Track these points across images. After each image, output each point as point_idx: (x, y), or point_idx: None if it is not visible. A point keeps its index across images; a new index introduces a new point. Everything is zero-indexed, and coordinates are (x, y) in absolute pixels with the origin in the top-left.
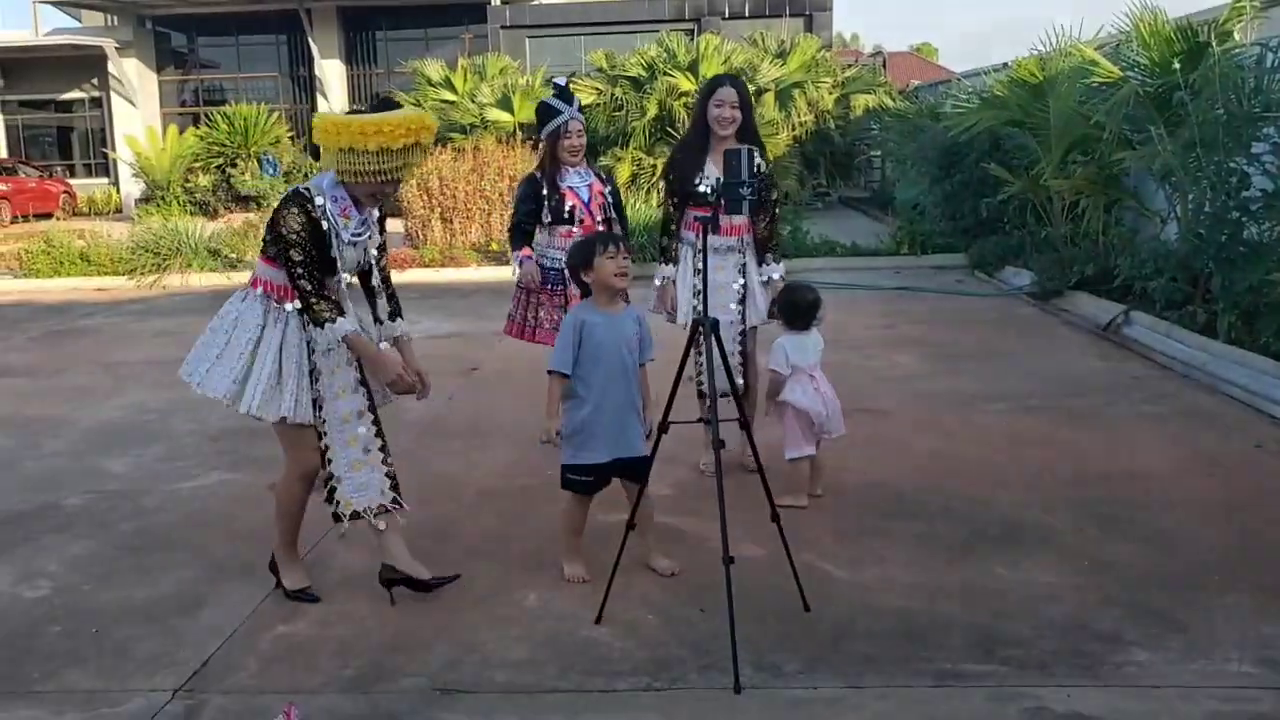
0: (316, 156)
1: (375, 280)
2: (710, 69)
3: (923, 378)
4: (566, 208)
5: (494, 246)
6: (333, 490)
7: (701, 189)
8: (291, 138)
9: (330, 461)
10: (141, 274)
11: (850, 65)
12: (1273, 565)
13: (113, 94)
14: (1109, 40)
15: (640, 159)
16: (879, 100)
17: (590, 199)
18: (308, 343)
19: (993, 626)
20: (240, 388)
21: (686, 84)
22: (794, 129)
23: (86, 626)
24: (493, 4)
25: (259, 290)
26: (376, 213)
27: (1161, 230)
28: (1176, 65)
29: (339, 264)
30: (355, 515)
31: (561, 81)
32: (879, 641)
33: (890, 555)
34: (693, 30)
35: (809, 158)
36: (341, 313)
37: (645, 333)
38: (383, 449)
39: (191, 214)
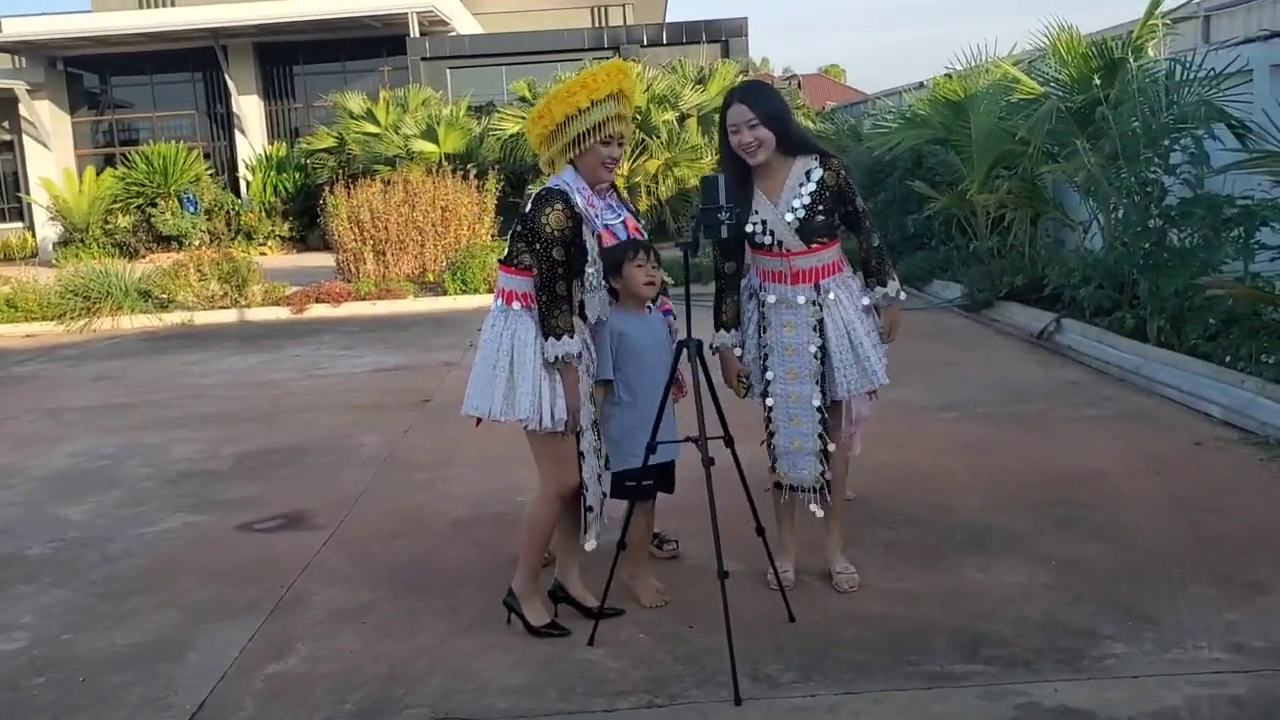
0: (237, 193)
1: None
2: (633, 97)
3: None
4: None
5: (429, 277)
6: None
7: (755, 229)
8: (211, 175)
9: (582, 458)
10: (71, 318)
11: None
12: (1226, 556)
13: (25, 137)
14: (1024, 56)
15: None
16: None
17: (628, 237)
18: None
19: (974, 628)
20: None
21: None
22: (717, 153)
23: (73, 676)
24: (412, 36)
25: (516, 305)
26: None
27: (1084, 240)
28: (1097, 81)
29: (590, 256)
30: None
31: None
32: (868, 647)
33: (865, 563)
34: (612, 58)
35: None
36: (574, 331)
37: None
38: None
39: (112, 256)
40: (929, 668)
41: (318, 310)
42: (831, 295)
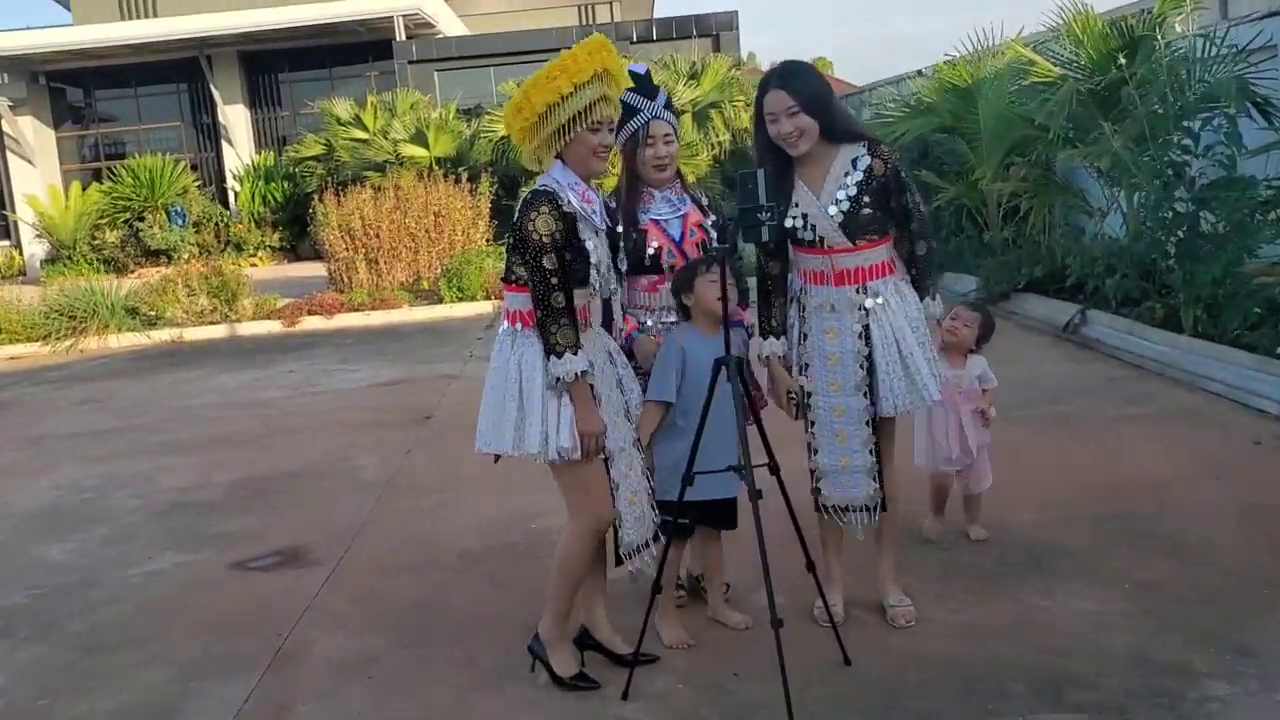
0: (226, 204)
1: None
2: (621, 77)
3: None
4: (649, 249)
5: (424, 285)
6: (616, 530)
7: (795, 224)
8: (199, 186)
9: (617, 488)
10: (57, 339)
11: None
12: None
13: (9, 153)
14: (1033, 39)
15: None
16: None
17: (684, 235)
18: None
19: (1052, 666)
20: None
21: None
22: (713, 149)
23: None
24: (398, 39)
25: (520, 326)
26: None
27: (1100, 226)
28: (1122, 60)
29: (593, 260)
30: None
31: (641, 68)
32: (937, 694)
33: (919, 592)
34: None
35: (730, 178)
36: (580, 348)
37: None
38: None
39: (101, 272)
40: (1013, 718)
41: (310, 322)
42: (880, 299)
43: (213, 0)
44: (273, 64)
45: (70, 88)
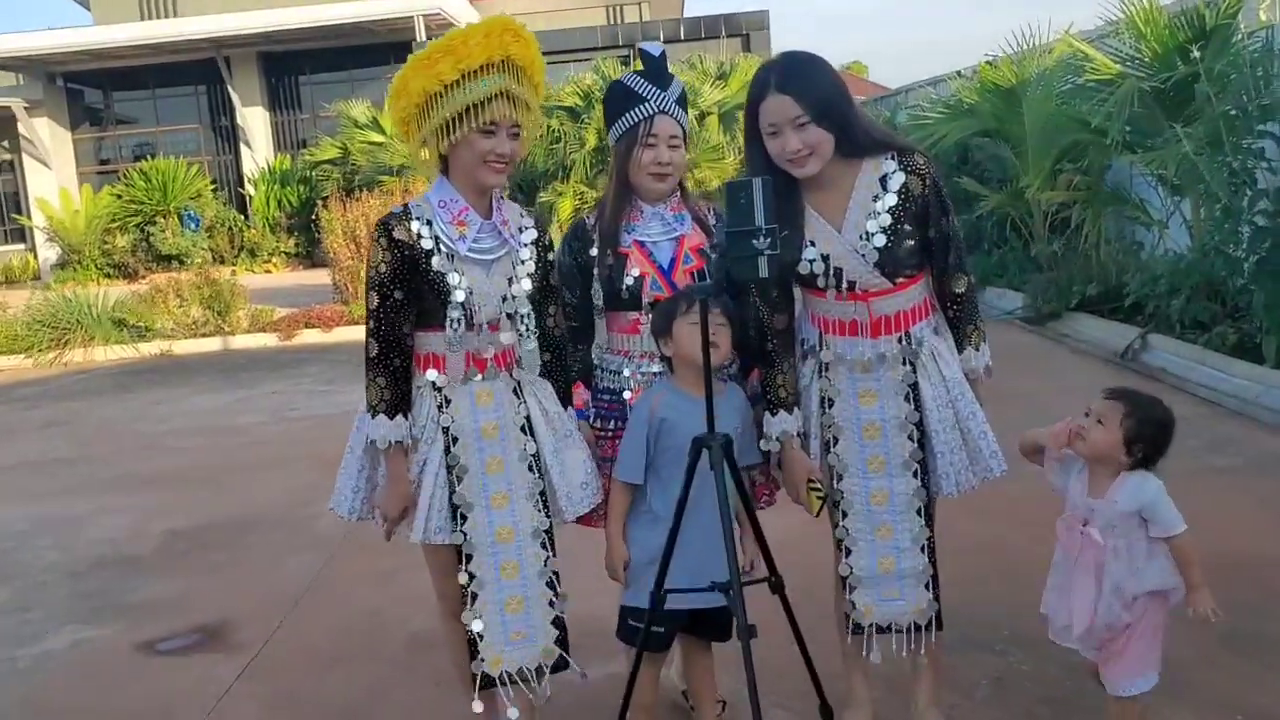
0: (242, 209)
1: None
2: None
3: None
4: (628, 279)
5: None
6: (474, 642)
7: (813, 268)
8: (214, 190)
9: (474, 598)
10: (40, 351)
11: None
12: None
13: (25, 155)
14: (1084, 35)
15: (583, 192)
16: None
17: (675, 262)
18: (445, 428)
19: None
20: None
21: None
22: (740, 152)
23: None
24: (418, 40)
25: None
26: (527, 229)
27: (1158, 240)
28: (1195, 53)
29: (454, 294)
30: (505, 679)
31: (655, 49)
32: None
33: (967, 714)
34: (627, 57)
35: None
36: (397, 410)
37: (748, 423)
38: (551, 583)
39: (110, 277)
40: None
41: (307, 336)
42: (926, 347)
43: (232, 0)
44: (292, 66)
45: (88, 89)
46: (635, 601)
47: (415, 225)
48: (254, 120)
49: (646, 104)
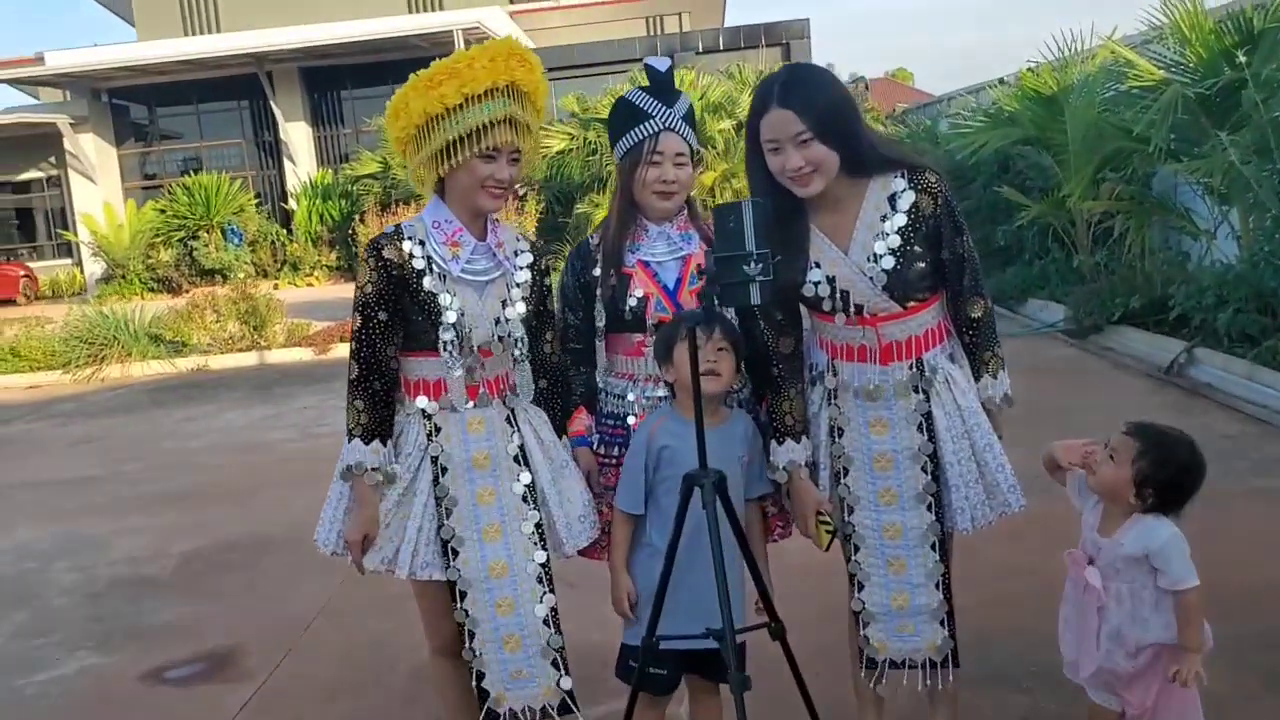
0: (286, 224)
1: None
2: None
3: None
4: (631, 300)
5: None
6: (480, 677)
7: (819, 292)
8: (258, 204)
9: (472, 636)
10: (77, 367)
11: None
12: None
13: (71, 171)
14: (1128, 40)
15: None
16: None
17: (681, 282)
18: (434, 457)
19: None
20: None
21: None
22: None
23: None
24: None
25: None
26: (522, 253)
27: (1208, 251)
28: (1242, 58)
29: (446, 315)
30: (510, 718)
31: (661, 64)
32: None
33: None
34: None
35: None
36: (374, 435)
37: (757, 451)
38: (549, 620)
39: (154, 291)
40: None
41: (342, 350)
42: (940, 375)
43: (275, 15)
44: (334, 81)
45: (133, 105)
46: (635, 640)
47: (407, 245)
48: (296, 135)
49: (652, 120)
